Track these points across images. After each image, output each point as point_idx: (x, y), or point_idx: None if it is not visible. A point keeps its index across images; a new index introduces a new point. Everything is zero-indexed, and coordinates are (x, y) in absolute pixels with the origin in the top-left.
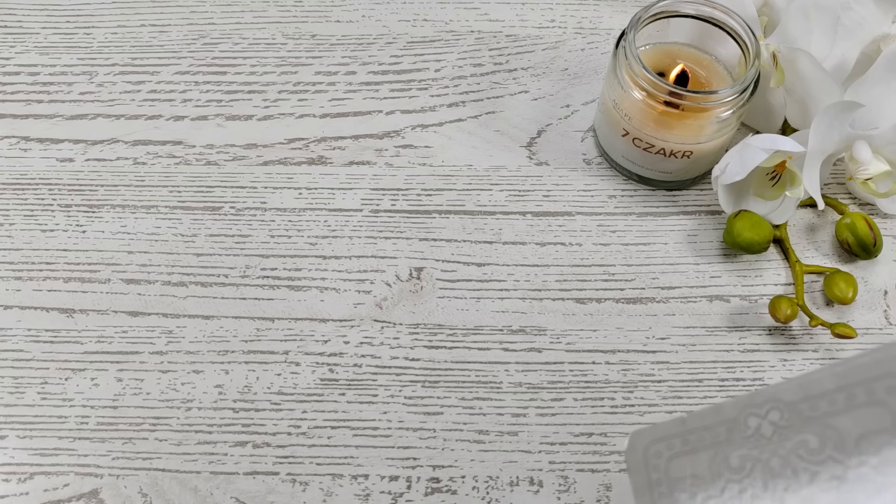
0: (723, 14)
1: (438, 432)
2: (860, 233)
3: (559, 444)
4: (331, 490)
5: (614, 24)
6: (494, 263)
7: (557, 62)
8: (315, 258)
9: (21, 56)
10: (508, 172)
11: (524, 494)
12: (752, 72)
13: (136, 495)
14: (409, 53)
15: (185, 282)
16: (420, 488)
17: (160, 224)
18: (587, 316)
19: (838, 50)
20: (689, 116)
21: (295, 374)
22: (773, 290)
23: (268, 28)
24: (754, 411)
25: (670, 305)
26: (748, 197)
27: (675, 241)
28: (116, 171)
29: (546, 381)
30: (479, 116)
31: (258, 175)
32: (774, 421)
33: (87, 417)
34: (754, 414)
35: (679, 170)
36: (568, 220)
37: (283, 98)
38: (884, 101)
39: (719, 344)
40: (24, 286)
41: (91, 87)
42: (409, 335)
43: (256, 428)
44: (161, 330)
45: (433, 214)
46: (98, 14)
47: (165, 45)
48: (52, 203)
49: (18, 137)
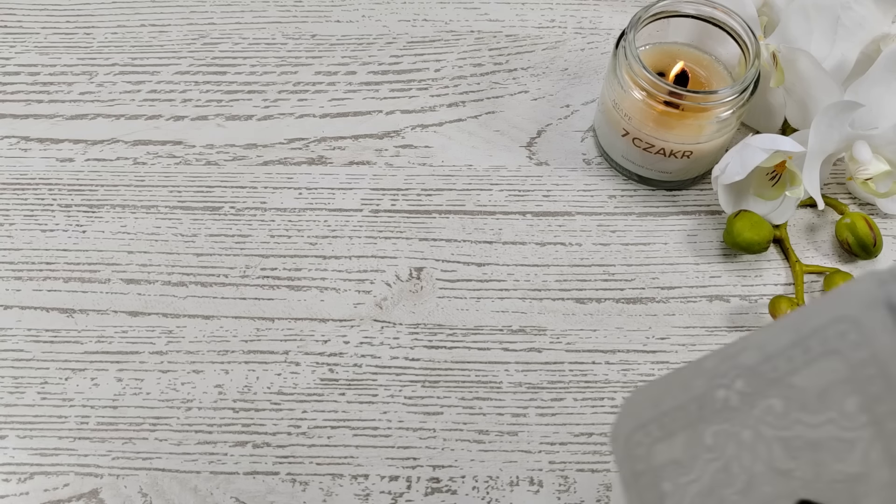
0: (723, 14)
1: (438, 432)
2: (860, 233)
3: (559, 444)
4: (331, 490)
5: (614, 24)
6: (494, 263)
7: (557, 62)
8: (315, 258)
9: (21, 56)
10: (508, 172)
11: (524, 494)
12: (752, 72)
13: (136, 495)
14: (409, 53)
15: (185, 282)
16: (420, 488)
17: (160, 224)
18: (587, 316)
19: (838, 50)
20: (689, 116)
21: (295, 374)
22: (773, 290)
23: (268, 28)
24: (721, 381)
25: (670, 305)
26: (748, 197)
27: (675, 241)
28: (116, 171)
29: (546, 381)
30: (479, 116)
31: (258, 175)
32: (740, 389)
33: (87, 417)
34: (721, 385)
35: (679, 170)
36: (568, 220)
37: (283, 98)
38: (884, 101)
39: (719, 344)
40: (24, 286)
41: (91, 87)
42: (409, 335)
43: (256, 428)
44: (161, 330)
45: (433, 214)
46: (98, 14)
47: (165, 45)
48: (52, 203)
49: (18, 137)
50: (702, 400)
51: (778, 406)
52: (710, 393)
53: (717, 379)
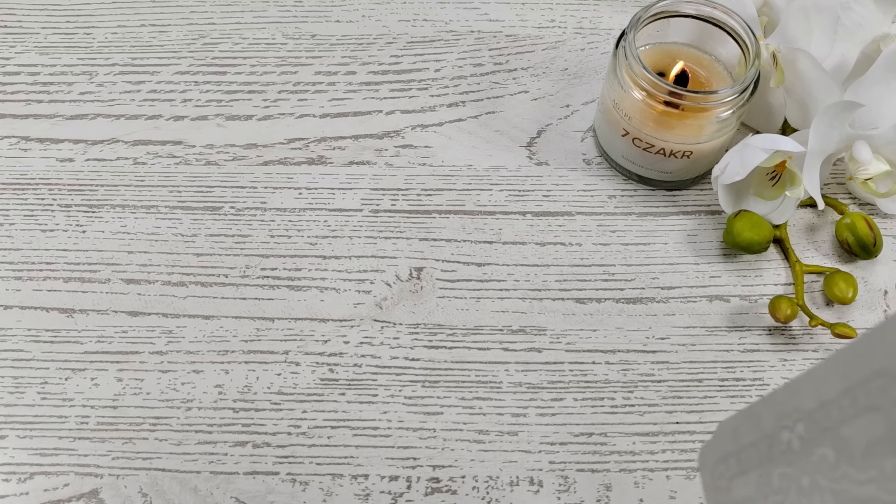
0: (723, 14)
1: (438, 432)
2: (860, 233)
3: (559, 444)
4: (331, 490)
5: (614, 24)
6: (494, 263)
7: (557, 62)
8: (315, 258)
9: (21, 56)
10: (508, 172)
11: (524, 494)
12: (752, 72)
13: (136, 495)
14: (409, 53)
15: (185, 282)
16: (420, 488)
17: (160, 224)
18: (587, 316)
19: (838, 50)
20: (689, 116)
21: (295, 374)
22: (773, 290)
23: (268, 28)
24: (785, 423)
25: (670, 305)
26: (748, 197)
27: (675, 241)
28: (116, 171)
29: (546, 381)
30: (478, 116)
31: (258, 175)
32: (801, 434)
33: (87, 417)
34: (785, 427)
35: (679, 170)
36: (568, 220)
37: (283, 98)
38: (884, 101)
39: (719, 344)
40: (24, 286)
41: (91, 87)
42: (409, 335)
43: (256, 428)
44: (161, 330)
45: (433, 214)
46: (98, 14)
47: (165, 45)
48: (52, 203)
49: (18, 137)
50: (770, 440)
51: (830, 456)
52: (777, 434)
53: (782, 420)
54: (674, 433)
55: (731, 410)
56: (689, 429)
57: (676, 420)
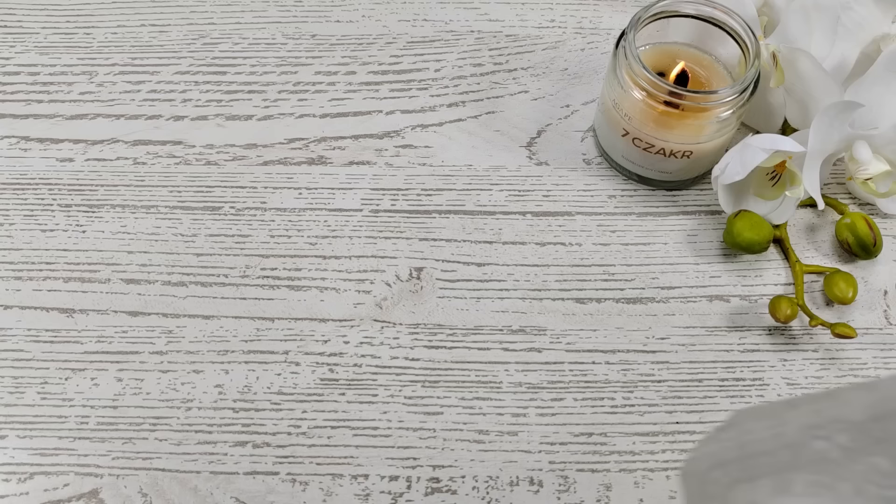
0: (723, 14)
1: (438, 432)
2: (860, 233)
3: (559, 444)
4: (331, 490)
5: (614, 24)
6: (494, 263)
7: (557, 62)
8: (315, 258)
9: (21, 56)
10: (508, 172)
11: (524, 494)
12: (752, 72)
13: (136, 495)
14: (409, 53)
15: (185, 282)
16: (420, 488)
17: (160, 224)
18: (587, 316)
19: (838, 50)
20: (689, 116)
21: (295, 374)
22: (773, 290)
23: (268, 28)
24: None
25: (670, 305)
26: (748, 197)
27: (675, 241)
28: (116, 171)
29: (546, 381)
30: (479, 116)
31: (258, 175)
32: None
33: (87, 417)
34: (820, 437)
35: (679, 170)
36: (568, 220)
37: (283, 98)
38: (884, 101)
39: (719, 344)
40: (24, 286)
41: (91, 87)
42: (409, 335)
43: (256, 428)
44: (161, 330)
45: (433, 214)
46: (98, 14)
47: (165, 45)
48: (52, 203)
49: (18, 137)
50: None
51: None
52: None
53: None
54: (674, 433)
55: (730, 410)
56: (689, 429)
57: (676, 420)
